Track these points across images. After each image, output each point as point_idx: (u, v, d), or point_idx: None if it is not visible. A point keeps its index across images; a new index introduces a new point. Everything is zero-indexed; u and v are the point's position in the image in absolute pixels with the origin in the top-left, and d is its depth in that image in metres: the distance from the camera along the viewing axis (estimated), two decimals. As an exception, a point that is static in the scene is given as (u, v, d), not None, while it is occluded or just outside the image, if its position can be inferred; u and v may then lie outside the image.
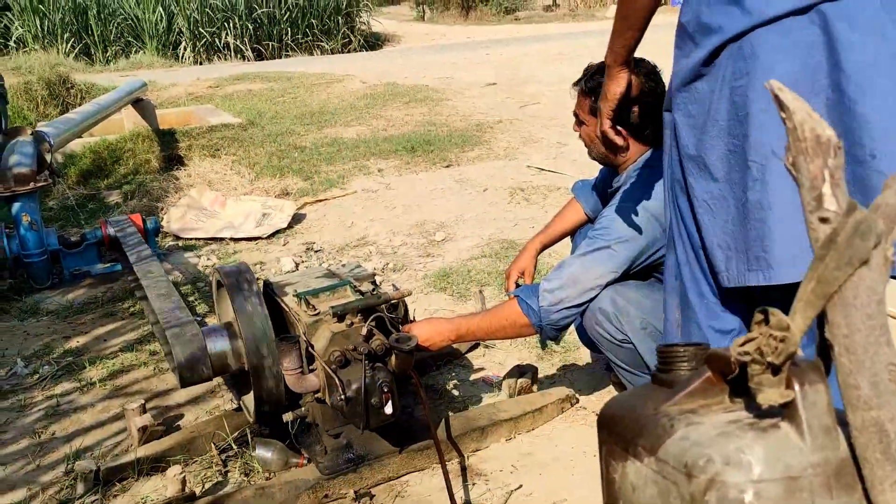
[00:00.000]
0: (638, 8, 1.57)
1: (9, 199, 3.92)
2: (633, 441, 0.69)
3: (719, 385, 0.68)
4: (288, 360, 2.19)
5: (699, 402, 0.68)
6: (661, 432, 0.65)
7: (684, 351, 0.77)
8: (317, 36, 17.38)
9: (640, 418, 0.70)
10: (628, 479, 0.69)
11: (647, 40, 1.77)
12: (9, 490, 2.34)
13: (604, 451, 0.76)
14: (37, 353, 3.33)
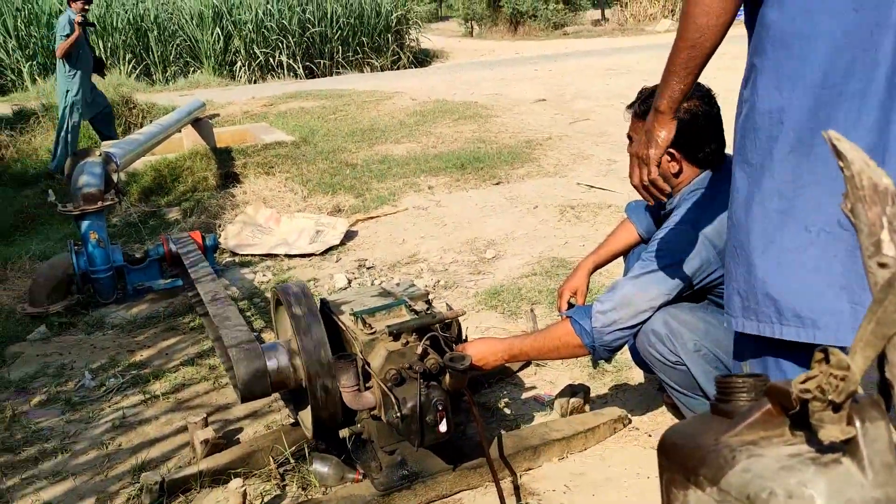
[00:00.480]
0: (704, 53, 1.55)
1: (78, 217, 4.09)
2: (695, 471, 0.71)
3: (779, 417, 0.70)
4: (345, 377, 2.24)
5: (760, 434, 0.70)
6: (723, 463, 0.68)
7: (743, 382, 0.79)
8: (367, 53, 17.65)
9: (701, 448, 0.72)
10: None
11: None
12: (78, 500, 2.44)
13: (665, 479, 0.78)
14: (103, 366, 3.46)
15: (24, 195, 7.32)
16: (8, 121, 9.42)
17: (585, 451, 2.44)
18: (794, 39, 1.47)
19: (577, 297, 2.58)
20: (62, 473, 2.59)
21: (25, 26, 14.81)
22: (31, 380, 3.38)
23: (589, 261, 2.65)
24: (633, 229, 2.62)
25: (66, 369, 3.45)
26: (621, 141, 6.93)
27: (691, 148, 2.14)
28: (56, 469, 2.62)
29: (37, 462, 2.68)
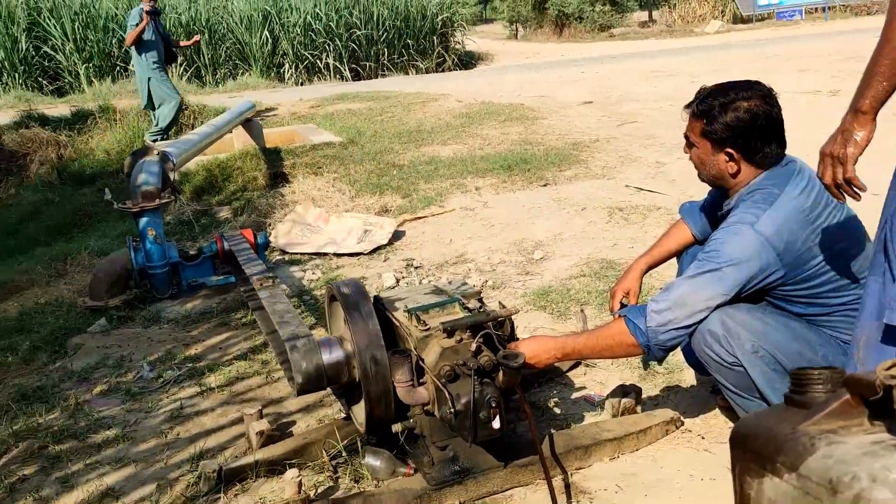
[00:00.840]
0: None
1: (136, 214, 4.21)
2: (772, 458, 0.72)
3: (858, 407, 0.71)
4: (399, 372, 2.27)
5: (838, 423, 0.70)
6: (802, 450, 0.68)
7: (819, 374, 0.79)
8: (412, 56, 17.78)
9: (778, 437, 0.73)
10: (765, 495, 0.72)
11: (749, 57, 1.77)
12: (140, 486, 2.52)
13: (738, 469, 0.79)
14: (160, 358, 3.55)
15: (82, 193, 7.55)
16: (66, 121, 9.72)
17: (637, 452, 2.44)
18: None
19: (629, 298, 2.58)
20: (124, 460, 2.68)
21: (83, 29, 15.25)
22: (92, 370, 3.49)
23: (641, 261, 2.65)
24: (687, 230, 2.61)
25: (126, 361, 3.56)
26: (670, 143, 6.89)
27: (750, 148, 2.13)
28: (118, 456, 2.71)
29: (100, 449, 2.77)
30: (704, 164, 2.23)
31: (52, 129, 9.42)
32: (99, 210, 6.97)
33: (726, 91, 2.16)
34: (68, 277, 5.04)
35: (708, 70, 10.78)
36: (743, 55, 12.66)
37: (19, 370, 3.63)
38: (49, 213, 7.13)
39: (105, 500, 2.46)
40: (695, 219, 2.59)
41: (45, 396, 3.26)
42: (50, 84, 15.18)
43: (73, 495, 2.50)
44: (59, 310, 4.37)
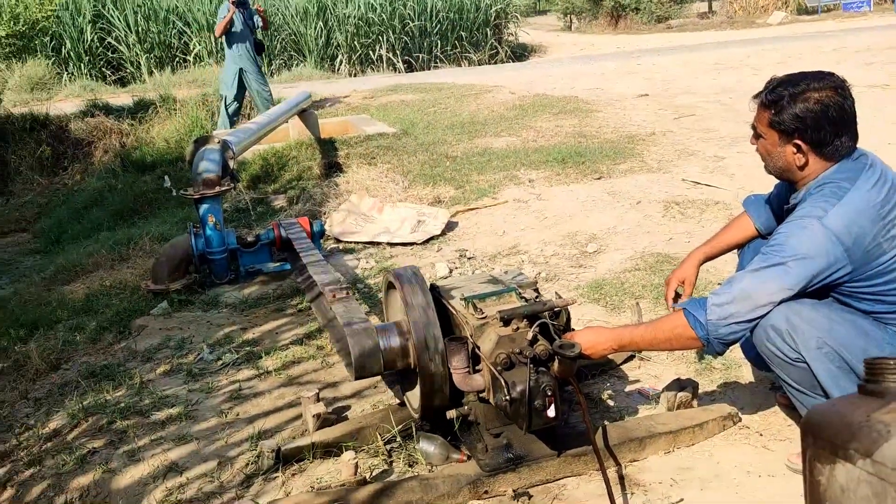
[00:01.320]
0: None
1: (197, 201, 4.32)
2: (844, 445, 0.72)
3: (936, 397, 0.70)
4: (455, 359, 2.30)
5: (915, 412, 0.70)
6: (877, 437, 0.68)
7: (895, 363, 0.79)
8: (465, 47, 17.77)
9: (852, 424, 0.73)
10: (837, 482, 0.72)
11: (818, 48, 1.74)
12: (202, 462, 2.61)
13: (808, 455, 0.79)
14: (219, 341, 3.65)
15: (143, 181, 7.76)
16: (129, 111, 9.99)
17: (693, 447, 2.42)
18: None
19: (685, 287, 2.56)
20: (186, 437, 2.76)
21: (144, 21, 15.64)
22: (155, 351, 3.61)
23: (700, 252, 2.62)
24: (750, 223, 2.57)
25: (187, 343, 3.66)
26: (729, 137, 6.77)
27: (820, 140, 2.08)
28: (181, 433, 2.80)
29: (163, 426, 2.87)
30: (771, 155, 2.19)
31: (116, 117, 9.70)
32: (159, 197, 7.16)
33: (797, 81, 2.11)
34: (131, 261, 5.21)
35: (771, 62, 10.53)
36: (808, 47, 12.32)
37: (87, 349, 3.77)
38: (112, 199, 7.36)
39: (169, 475, 2.55)
40: (759, 212, 2.55)
41: (112, 374, 3.38)
42: (113, 74, 15.61)
43: (140, 468, 2.60)
44: (123, 292, 4.51)
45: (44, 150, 9.29)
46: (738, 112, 7.59)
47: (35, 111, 9.81)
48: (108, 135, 9.30)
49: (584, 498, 2.23)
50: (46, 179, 9.15)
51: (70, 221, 7.25)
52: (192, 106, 9.78)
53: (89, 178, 8.54)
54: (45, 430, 3.01)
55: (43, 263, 6.19)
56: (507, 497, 2.25)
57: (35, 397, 3.38)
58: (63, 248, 6.48)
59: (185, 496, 2.44)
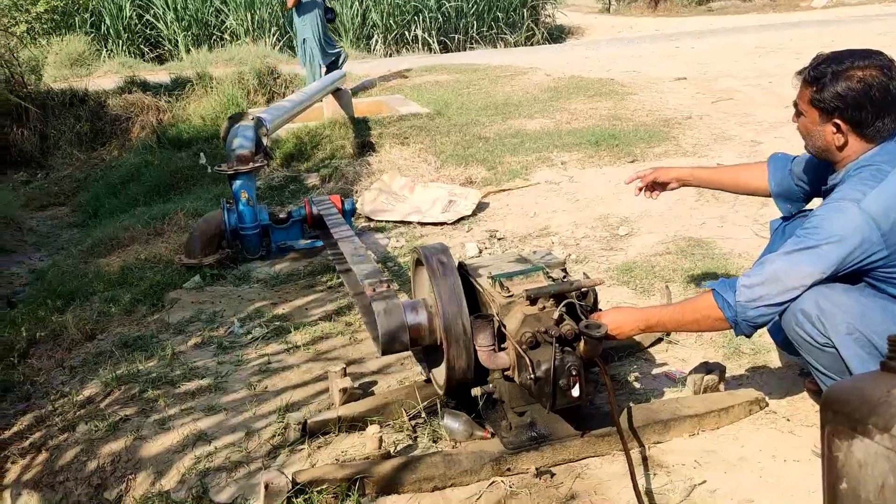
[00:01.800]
0: None
1: (231, 177, 4.37)
2: (863, 420, 0.71)
3: (958, 374, 0.69)
4: (481, 336, 2.30)
5: (937, 389, 0.69)
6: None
7: (919, 341, 0.77)
8: (501, 29, 17.62)
9: (872, 400, 0.72)
10: (854, 457, 0.72)
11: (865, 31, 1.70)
12: (230, 432, 2.65)
13: (827, 431, 0.79)
14: (249, 315, 3.70)
15: (179, 157, 7.85)
16: (166, 88, 10.10)
17: (718, 431, 2.40)
18: None
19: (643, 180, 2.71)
20: (215, 408, 2.82)
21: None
22: (187, 323, 3.67)
23: (687, 171, 2.64)
24: (763, 176, 2.52)
25: (218, 316, 3.72)
26: (767, 122, 6.64)
27: (860, 121, 2.03)
28: (210, 403, 2.85)
29: (193, 396, 2.92)
30: (811, 134, 2.14)
31: (153, 94, 9.81)
32: (194, 173, 7.25)
33: (842, 58, 2.06)
34: (165, 236, 5.29)
35: (814, 46, 10.22)
36: (853, 31, 12.00)
37: (121, 320, 3.85)
38: (148, 174, 7.46)
39: (198, 443, 2.60)
40: (780, 171, 2.50)
41: (145, 345, 3.45)
42: (150, 51, 15.77)
43: (170, 437, 2.66)
44: (157, 266, 4.59)
45: (83, 126, 9.43)
46: (778, 96, 7.43)
47: (74, 87, 9.95)
48: (145, 111, 9.41)
49: (606, 478, 2.23)
50: (85, 154, 9.29)
51: (107, 196, 7.37)
52: (227, 84, 9.84)
53: (126, 153, 8.66)
54: (80, 398, 3.09)
55: (80, 237, 6.31)
56: (529, 475, 2.25)
57: (70, 366, 3.46)
58: (100, 222, 6.60)
59: (213, 464, 2.49)
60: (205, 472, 2.46)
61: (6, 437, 3.04)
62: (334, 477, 2.20)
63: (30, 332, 3.94)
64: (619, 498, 2.13)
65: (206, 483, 2.40)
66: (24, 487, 2.78)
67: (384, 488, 2.22)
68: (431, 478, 2.24)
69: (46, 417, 3.03)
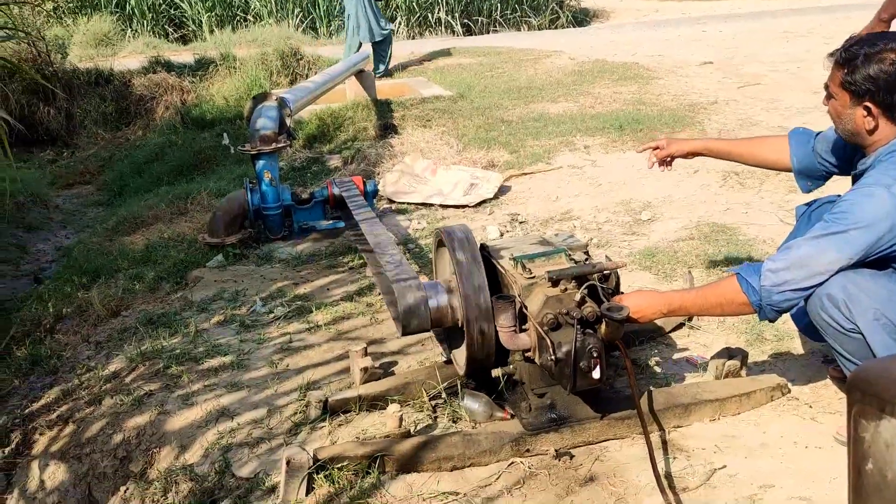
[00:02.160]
0: None
1: (254, 157, 4.39)
2: (892, 401, 0.71)
3: None
4: (502, 317, 2.31)
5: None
6: (926, 390, 0.67)
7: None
8: (525, 12, 17.46)
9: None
10: (881, 437, 0.71)
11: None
12: (252, 408, 2.69)
13: (853, 412, 0.78)
14: (272, 295, 3.73)
15: (202, 137, 7.89)
16: (190, 68, 10.14)
17: (739, 416, 2.39)
18: None
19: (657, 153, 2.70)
20: (238, 385, 2.85)
21: (207, -21, 15.76)
22: (210, 302, 3.70)
23: (700, 143, 2.61)
24: (784, 150, 2.49)
25: (240, 295, 3.75)
26: (795, 107, 6.55)
27: (892, 104, 1.99)
28: (232, 380, 2.89)
29: (217, 373, 2.96)
30: (841, 117, 2.11)
31: (177, 74, 9.85)
32: (217, 154, 7.29)
33: (875, 40, 2.02)
34: (189, 215, 5.34)
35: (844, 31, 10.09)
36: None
37: (145, 298, 3.90)
38: (172, 154, 7.52)
39: (220, 419, 2.64)
40: (802, 147, 2.47)
41: (168, 322, 3.49)
42: (175, 32, 15.82)
43: (193, 412, 2.70)
44: (181, 245, 4.64)
45: (108, 106, 9.51)
46: (807, 81, 7.31)
47: (100, 66, 10.02)
48: (169, 91, 9.46)
49: (625, 460, 2.23)
50: (110, 134, 9.37)
51: (132, 175, 7.44)
52: (251, 65, 9.86)
53: (151, 133, 8.73)
54: (105, 372, 3.14)
55: (105, 215, 6.39)
56: (548, 456, 2.26)
57: (96, 341, 3.52)
58: (125, 200, 6.67)
59: (236, 440, 2.53)
60: (227, 448, 2.50)
61: (34, 409, 3.10)
62: (355, 454, 2.23)
63: (56, 307, 4.01)
64: (639, 480, 2.13)
65: (229, 458, 2.44)
66: (51, 458, 2.84)
67: (404, 466, 2.24)
68: (451, 457, 2.25)
69: (73, 391, 3.09)
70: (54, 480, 2.80)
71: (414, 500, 2.12)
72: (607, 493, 2.09)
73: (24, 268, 5.73)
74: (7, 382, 3.49)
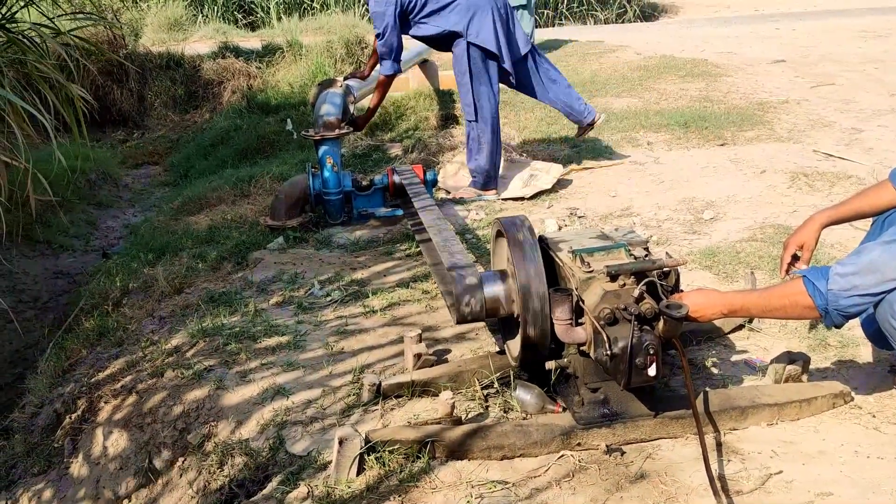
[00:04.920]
0: None
1: (317, 142, 4.45)
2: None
3: None
4: (559, 310, 2.29)
5: None
6: None
7: None
8: (591, 5, 17.25)
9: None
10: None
11: None
12: (307, 388, 2.74)
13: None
14: (329, 278, 3.78)
15: (267, 122, 8.03)
16: (257, 54, 10.31)
17: (798, 422, 2.33)
18: None
19: (803, 252, 2.43)
20: (294, 365, 2.90)
21: (276, -32, 15.99)
22: (269, 283, 3.78)
23: (824, 215, 2.46)
24: (891, 192, 2.37)
25: (299, 278, 3.81)
26: (870, 109, 6.32)
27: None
28: (288, 360, 2.94)
29: (273, 352, 3.02)
30: None
31: (245, 60, 10.03)
32: (280, 139, 7.40)
33: None
34: (251, 198, 5.44)
35: (923, 32, 9.71)
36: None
37: (208, 276, 4.00)
38: (237, 138, 7.67)
39: (276, 397, 2.70)
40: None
41: (229, 301, 3.58)
42: (244, 18, 16.11)
43: (250, 388, 2.76)
44: (243, 226, 4.74)
45: (178, 89, 9.75)
46: (884, 83, 7.05)
47: (171, 50, 10.27)
48: (236, 76, 9.64)
49: (678, 460, 2.20)
50: (178, 116, 9.62)
51: (198, 157, 7.62)
52: (316, 52, 9.97)
53: (217, 117, 8.91)
54: (167, 346, 3.23)
55: (171, 195, 6.56)
56: (599, 451, 2.25)
57: (160, 316, 3.62)
58: (190, 181, 6.84)
59: (290, 418, 2.58)
60: (282, 425, 2.55)
61: (100, 378, 3.22)
62: (406, 438, 2.25)
63: (123, 282, 4.14)
64: (691, 481, 2.10)
65: (283, 435, 2.49)
66: (114, 426, 2.95)
67: (454, 453, 2.25)
68: (501, 446, 2.26)
69: (136, 363, 3.20)
70: (117, 447, 2.91)
71: (462, 487, 2.13)
72: (658, 492, 2.07)
73: (94, 243, 5.93)
74: (75, 352, 3.63)
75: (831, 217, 2.46)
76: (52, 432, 3.20)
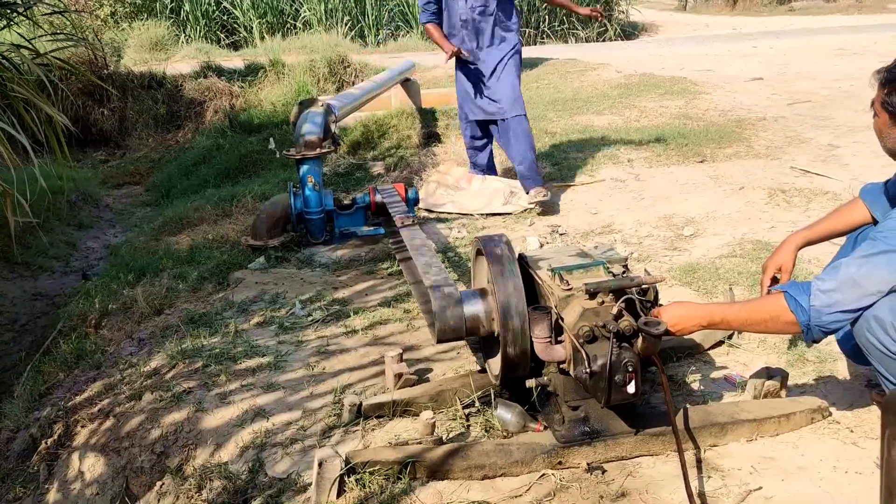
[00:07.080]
0: None
1: (298, 161, 4.45)
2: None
3: None
4: (538, 328, 2.30)
5: None
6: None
7: None
8: (573, 24, 17.42)
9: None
10: (919, 462, 0.69)
11: None
12: (288, 410, 2.72)
13: (887, 435, 0.76)
14: (311, 298, 3.77)
15: (249, 142, 8.03)
16: (239, 73, 10.32)
17: (777, 437, 2.34)
18: None
19: (781, 275, 2.45)
20: (274, 386, 2.88)
21: (259, -13, 16.05)
22: (250, 303, 3.76)
23: (799, 236, 2.50)
24: (861, 211, 2.42)
25: (280, 297, 3.80)
26: (846, 125, 6.41)
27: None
28: (269, 381, 2.92)
29: (254, 373, 3.00)
30: (882, 135, 2.09)
31: (227, 79, 10.04)
32: (263, 158, 7.40)
33: None
34: (233, 217, 5.43)
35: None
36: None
37: (188, 297, 3.97)
38: (219, 157, 7.65)
39: (256, 419, 2.67)
40: (877, 201, 2.39)
41: (209, 322, 3.55)
42: (226, 38, 16.14)
43: (230, 410, 2.74)
44: (224, 246, 4.72)
45: (159, 108, 9.73)
46: (859, 100, 7.15)
47: (153, 70, 10.26)
48: (219, 96, 9.65)
49: (659, 477, 2.20)
50: (160, 136, 9.60)
51: (179, 177, 7.60)
52: (299, 71, 10.00)
53: (199, 136, 8.90)
54: (146, 369, 3.20)
55: (153, 215, 6.53)
56: (580, 469, 2.24)
57: (139, 338, 3.59)
58: (171, 201, 6.82)
59: (270, 440, 2.56)
60: (261, 447, 2.53)
61: (77, 402, 3.18)
62: (387, 459, 2.24)
63: (102, 304, 4.11)
64: (671, 498, 2.10)
65: (263, 457, 2.47)
66: (91, 451, 2.91)
67: (435, 473, 2.24)
68: (482, 466, 2.25)
69: (115, 385, 3.16)
70: (94, 472, 2.87)
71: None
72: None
73: (74, 264, 5.89)
74: (53, 375, 3.59)
75: (807, 238, 2.49)
76: (27, 458, 3.15)
